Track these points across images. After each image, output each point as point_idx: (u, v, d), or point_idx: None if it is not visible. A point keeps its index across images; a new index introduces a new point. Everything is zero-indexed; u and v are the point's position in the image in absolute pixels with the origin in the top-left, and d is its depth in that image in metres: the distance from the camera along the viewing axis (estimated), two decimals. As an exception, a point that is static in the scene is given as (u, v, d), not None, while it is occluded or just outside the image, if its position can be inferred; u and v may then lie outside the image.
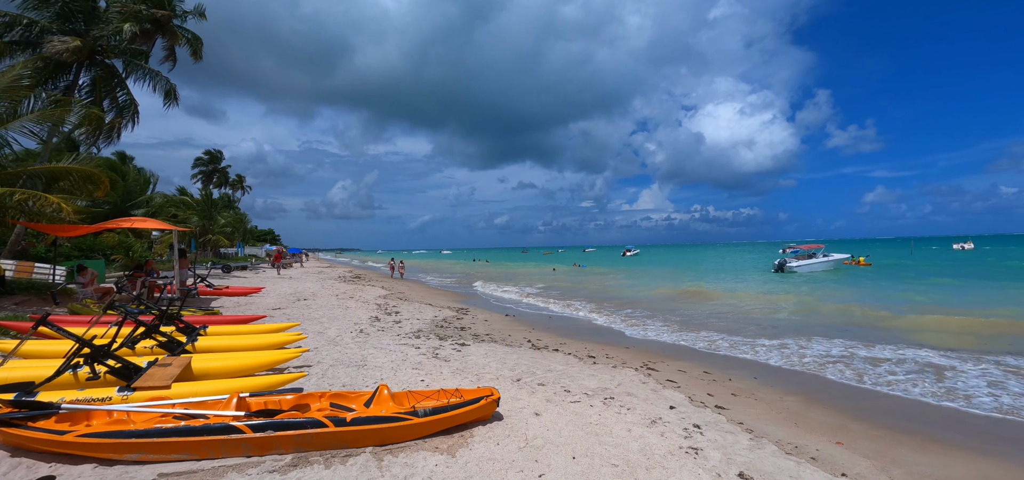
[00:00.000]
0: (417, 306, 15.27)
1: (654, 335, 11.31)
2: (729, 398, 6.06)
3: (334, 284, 23.70)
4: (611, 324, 13.06)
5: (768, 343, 10.18)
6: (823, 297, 18.84)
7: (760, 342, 10.30)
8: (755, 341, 10.42)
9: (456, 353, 8.00)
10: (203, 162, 78.10)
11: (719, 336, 11.03)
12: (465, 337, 9.73)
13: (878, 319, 13.30)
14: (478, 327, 11.31)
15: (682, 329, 12.10)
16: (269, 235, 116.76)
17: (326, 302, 15.33)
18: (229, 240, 50.86)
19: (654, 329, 12.19)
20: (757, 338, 10.75)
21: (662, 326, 12.57)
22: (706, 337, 10.96)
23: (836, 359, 8.75)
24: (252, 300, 15.08)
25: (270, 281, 24.14)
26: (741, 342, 10.35)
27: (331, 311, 13.10)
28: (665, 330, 12.02)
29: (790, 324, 12.85)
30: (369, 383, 5.95)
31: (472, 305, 16.97)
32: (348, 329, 10.12)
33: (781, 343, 10.20)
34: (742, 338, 10.76)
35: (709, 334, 11.27)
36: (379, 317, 12.37)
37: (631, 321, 13.45)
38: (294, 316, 11.84)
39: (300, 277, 28.71)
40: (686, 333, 11.53)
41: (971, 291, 19.86)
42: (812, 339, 10.59)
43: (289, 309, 13.19)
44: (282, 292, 18.14)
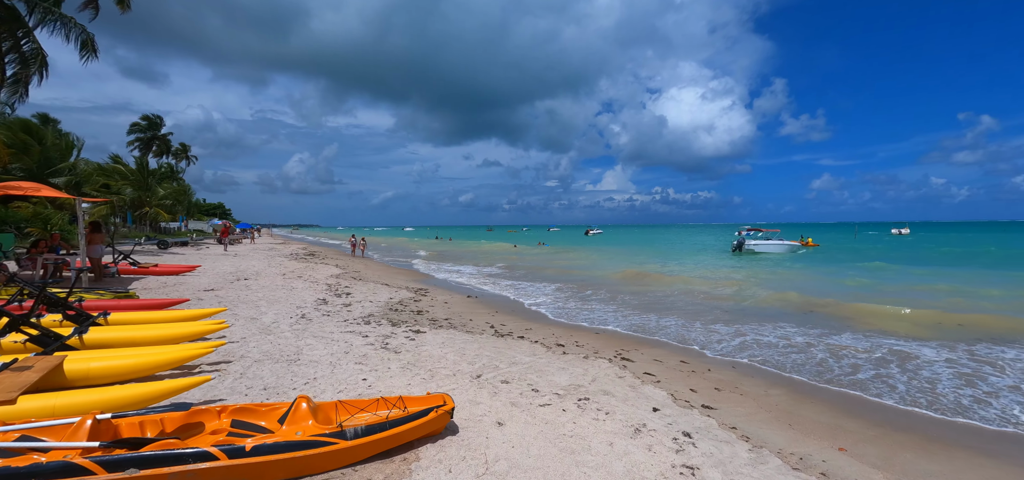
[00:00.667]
0: (372, 287, 14.12)
1: (624, 319, 10.75)
2: (714, 395, 5.46)
3: (284, 262, 22.00)
4: (579, 307, 12.43)
5: (739, 328, 9.82)
6: (782, 280, 19.05)
7: (731, 327, 9.92)
8: (726, 326, 10.04)
9: (409, 342, 7.06)
10: (140, 128, 71.72)
11: (688, 321, 10.59)
12: (421, 323, 8.78)
13: (838, 304, 13.35)
14: (437, 310, 10.38)
15: (651, 312, 11.63)
16: (218, 209, 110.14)
17: (270, 282, 13.92)
18: (169, 213, 47.08)
19: (623, 312, 11.65)
20: (729, 323, 10.38)
21: (631, 310, 12.05)
22: (676, 322, 10.49)
23: (806, 346, 8.43)
24: (183, 280, 13.47)
25: (211, 259, 22.15)
26: (712, 326, 9.94)
27: (273, 293, 11.79)
28: (634, 313, 11.50)
29: (757, 307, 12.66)
30: (298, 384, 4.94)
31: (432, 285, 15.97)
32: (288, 314, 8.95)
33: (752, 328, 9.86)
34: (711, 322, 10.37)
35: (678, 320, 10.82)
36: (327, 299, 11.20)
37: (598, 304, 12.88)
38: (229, 299, 10.50)
39: (247, 254, 26.66)
40: (656, 317, 11.04)
41: (920, 277, 20.64)
42: (778, 324, 10.33)
43: (224, 291, 11.77)
44: (222, 271, 16.47)
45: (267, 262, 21.15)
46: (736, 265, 25.11)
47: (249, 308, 9.39)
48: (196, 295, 10.70)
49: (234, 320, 8.18)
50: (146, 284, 12.16)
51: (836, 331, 9.51)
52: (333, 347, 6.54)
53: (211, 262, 19.93)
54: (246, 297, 10.79)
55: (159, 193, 46.75)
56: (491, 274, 20.95)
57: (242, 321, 8.10)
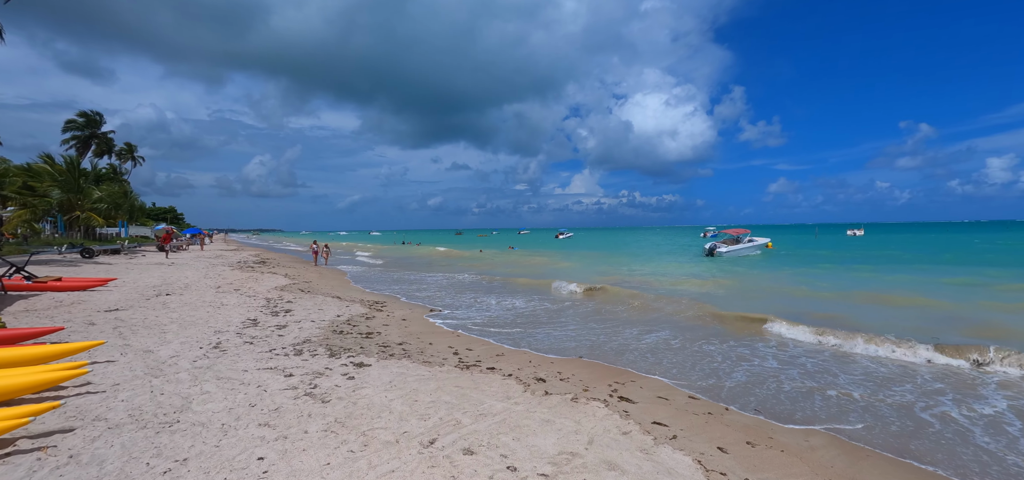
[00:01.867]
0: (319, 300, 12.27)
1: (610, 337, 9.41)
2: (748, 453, 4.12)
3: (225, 272, 19.66)
4: (557, 324, 11.02)
5: (735, 347, 8.64)
6: (762, 286, 18.33)
7: (725, 344, 8.74)
8: (720, 342, 8.86)
9: (346, 382, 5.43)
10: (77, 125, 66.00)
11: (682, 339, 9.37)
12: (368, 350, 7.14)
13: (831, 312, 12.50)
14: (391, 332, 8.72)
15: (636, 326, 10.36)
16: (169, 213, 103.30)
17: (196, 298, 11.86)
18: (104, 218, 42.93)
19: (607, 328, 10.32)
20: (722, 340, 9.20)
21: (617, 325, 10.74)
22: (668, 339, 9.24)
23: (812, 370, 7.31)
24: (85, 298, 11.25)
25: (139, 269, 19.55)
26: (706, 346, 8.74)
27: (194, 312, 9.83)
28: (620, 329, 10.19)
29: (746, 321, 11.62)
30: (165, 460, 3.28)
31: (392, 296, 14.22)
32: (198, 343, 7.12)
33: (748, 347, 8.71)
34: (703, 340, 9.18)
35: (670, 336, 9.58)
36: (259, 319, 9.36)
37: (577, 320, 11.51)
38: (133, 322, 8.52)
39: (188, 263, 23.99)
40: (643, 333, 9.75)
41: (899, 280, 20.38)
42: (778, 343, 9.25)
43: (131, 312, 9.72)
44: (143, 284, 14.19)
45: (205, 272, 18.79)
46: (713, 271, 24.44)
47: (150, 336, 7.48)
48: (89, 319, 8.65)
49: (121, 354, 6.31)
50: (32, 304, 9.94)
51: (846, 362, 8.48)
52: (237, 397, 4.84)
53: (138, 273, 17.45)
54: (154, 320, 8.81)
55: (93, 195, 42.59)
56: (462, 282, 19.33)
57: (131, 356, 6.25)
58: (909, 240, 58.21)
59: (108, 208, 45.21)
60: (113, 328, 7.95)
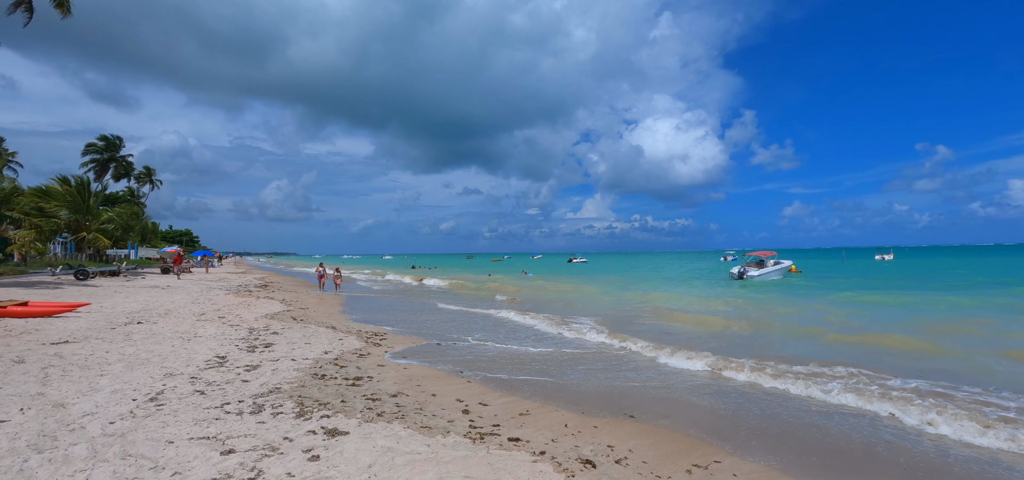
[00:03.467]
0: (310, 332, 10.64)
1: (658, 386, 7.57)
2: None
3: (218, 296, 18.24)
4: (586, 362, 9.19)
5: (828, 375, 6.75)
6: (810, 311, 16.27)
7: (810, 372, 6.86)
8: (800, 371, 6.97)
9: (308, 464, 3.74)
10: (97, 149, 66.76)
11: (756, 384, 7.49)
12: (350, 406, 5.43)
13: (912, 342, 10.49)
14: (385, 377, 7.00)
15: (689, 353, 8.52)
16: (185, 236, 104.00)
17: (169, 327, 10.33)
18: (111, 239, 42.28)
19: (654, 374, 8.47)
20: (807, 366, 7.31)
21: (667, 370, 8.89)
22: (742, 389, 7.37)
23: (945, 405, 5.40)
24: (44, 325, 9.77)
25: (129, 292, 18.22)
26: (790, 376, 6.86)
27: (157, 345, 8.26)
28: (671, 376, 8.34)
29: (831, 344, 9.70)
30: None
31: (393, 328, 12.53)
32: (134, 393, 5.50)
33: (844, 375, 6.81)
34: (783, 366, 7.30)
35: (744, 383, 7.70)
36: (230, 355, 7.74)
37: (611, 361, 9.67)
38: (79, 357, 6.98)
39: (182, 287, 22.71)
40: (705, 382, 7.89)
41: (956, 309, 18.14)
42: (876, 369, 7.31)
43: (86, 343, 8.19)
44: (120, 310, 12.74)
45: (196, 297, 17.37)
46: (751, 300, 22.36)
47: (79, 381, 5.88)
48: (21, 354, 7.10)
49: (21, 410, 4.71)
50: (-28, 335, 8.46)
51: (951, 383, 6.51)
52: (130, 498, 3.16)
53: (123, 297, 16.07)
54: (102, 357, 7.24)
55: (102, 217, 42.10)
56: (470, 314, 17.59)
57: (32, 413, 4.64)
58: (945, 264, 55.02)
59: (117, 229, 44.69)
60: (41, 369, 6.38)
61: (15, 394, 5.29)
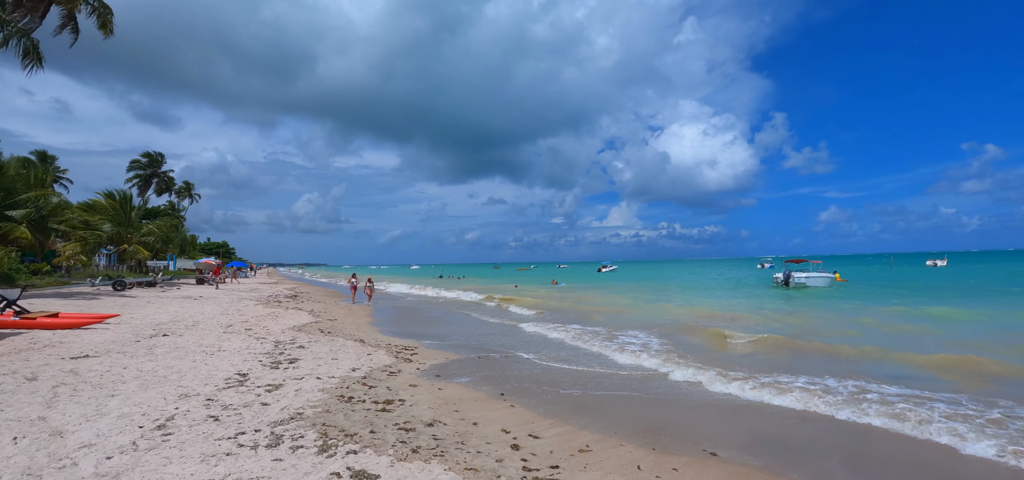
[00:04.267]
0: (338, 345, 10.02)
1: (734, 415, 6.53)
2: None
3: (247, 307, 18.03)
4: (647, 385, 8.21)
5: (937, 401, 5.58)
6: (883, 319, 14.70)
7: (922, 402, 5.70)
8: (921, 409, 5.81)
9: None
10: (140, 165, 69.68)
11: (840, 390, 6.37)
12: (380, 438, 4.66)
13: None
14: (418, 400, 6.22)
15: (762, 379, 7.43)
16: (221, 248, 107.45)
17: (194, 340, 9.90)
18: (151, 251, 43.58)
19: (717, 385, 7.42)
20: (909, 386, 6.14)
21: (737, 374, 7.83)
22: (831, 413, 6.27)
23: None
24: (70, 338, 9.47)
25: (161, 302, 18.22)
26: (910, 418, 5.72)
27: (178, 361, 7.75)
28: (746, 407, 7.27)
29: (936, 369, 8.42)
30: None
31: (424, 342, 11.81)
32: (142, 419, 4.90)
33: (949, 401, 5.62)
34: (896, 401, 6.15)
35: (833, 406, 6.59)
36: (251, 372, 7.13)
37: (676, 383, 8.64)
38: (93, 374, 6.51)
39: (217, 296, 22.78)
40: (791, 407, 6.80)
41: None
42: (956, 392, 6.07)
43: (107, 357, 7.76)
44: (148, 322, 12.50)
45: (225, 308, 17.17)
46: (801, 305, 20.73)
47: (86, 403, 5.33)
48: (36, 370, 6.67)
49: (14, 439, 4.14)
50: None
51: None
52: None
53: (154, 308, 15.98)
54: (118, 374, 6.74)
55: (142, 229, 43.50)
56: (505, 328, 16.77)
57: (24, 444, 4.06)
58: (1004, 271, 50.85)
59: (157, 241, 46.10)
60: (52, 387, 5.89)
61: (15, 419, 4.75)
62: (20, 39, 18.40)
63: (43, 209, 31.01)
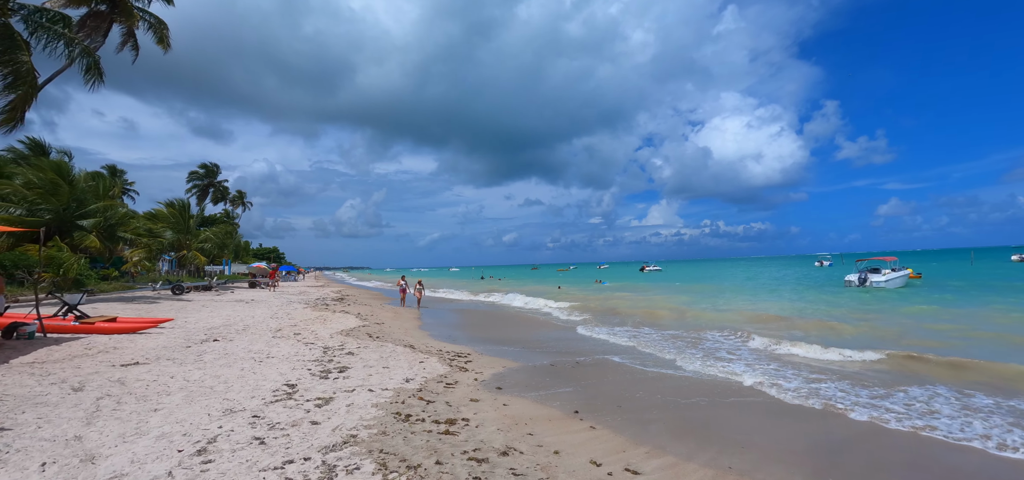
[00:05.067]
0: (387, 351, 9.42)
1: (866, 428, 5.36)
2: None
3: (296, 310, 17.99)
4: (747, 406, 7.09)
5: None
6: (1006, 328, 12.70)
7: None
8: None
9: None
10: (198, 176, 73.87)
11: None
12: (448, 470, 3.87)
13: None
14: (484, 421, 5.42)
15: (928, 402, 6.17)
16: (272, 253, 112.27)
17: (243, 346, 9.58)
18: (207, 257, 45.59)
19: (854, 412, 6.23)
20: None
21: (891, 403, 6.60)
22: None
23: None
24: (125, 343, 9.35)
25: (216, 306, 18.49)
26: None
27: (226, 369, 7.34)
28: (909, 409, 6.05)
29: None
30: None
31: (477, 347, 11.06)
32: (181, 442, 4.34)
33: None
34: None
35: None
36: (300, 383, 6.58)
37: (784, 405, 7.47)
38: (140, 384, 6.14)
39: (267, 299, 23.11)
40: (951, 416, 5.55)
41: None
42: None
43: (156, 364, 7.46)
44: (200, 326, 12.43)
45: (274, 311, 17.15)
46: (892, 305, 18.61)
47: (126, 419, 4.86)
48: (84, 379, 6.37)
49: (41, 467, 3.64)
50: (50, 352, 8.02)
51: None
52: None
53: (209, 312, 16.13)
54: (164, 384, 6.34)
55: (200, 236, 45.58)
56: (560, 336, 15.85)
57: (44, 476, 3.54)
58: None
59: (213, 247, 48.29)
60: (96, 400, 5.50)
61: (50, 438, 4.29)
62: (84, 58, 19.22)
63: (111, 218, 32.77)
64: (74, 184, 31.02)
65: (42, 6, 17.93)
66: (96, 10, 24.62)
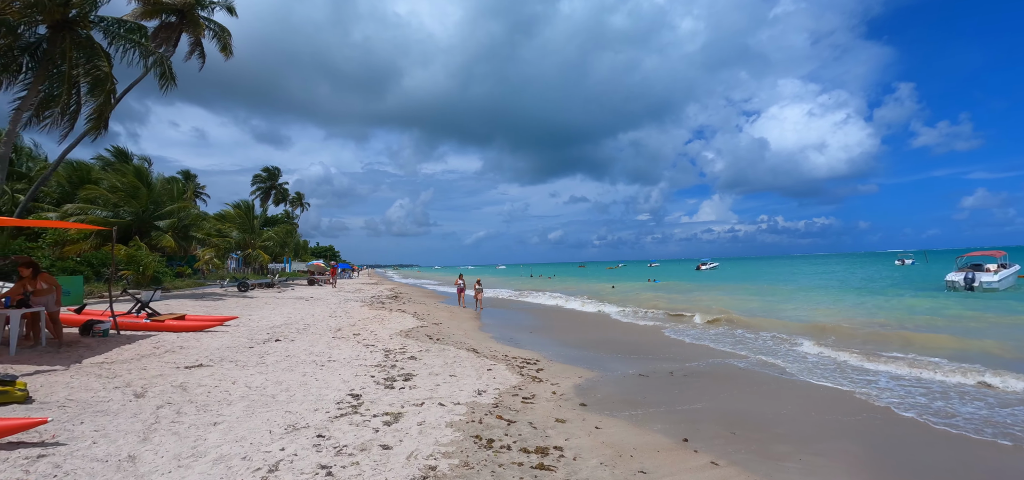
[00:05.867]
0: (450, 356, 8.76)
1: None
2: None
3: (354, 309, 17.91)
4: (895, 433, 5.80)
5: None
6: None
7: None
8: None
9: None
10: (262, 179, 78.13)
11: None
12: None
13: None
14: (582, 451, 4.52)
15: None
16: (328, 251, 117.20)
17: (305, 347, 9.24)
18: (271, 255, 47.72)
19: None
20: None
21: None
22: None
23: None
24: (190, 343, 9.26)
25: (277, 304, 18.78)
26: None
27: (287, 374, 6.91)
28: None
29: None
30: None
31: (545, 352, 10.20)
32: (241, 467, 3.76)
33: None
34: None
35: None
36: (364, 393, 5.98)
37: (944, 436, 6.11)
38: (201, 391, 5.79)
39: (323, 297, 23.43)
40: None
41: None
42: None
43: (218, 368, 7.16)
44: (263, 325, 12.38)
45: (333, 310, 17.11)
46: (1015, 309, 16.01)
47: (183, 431, 4.39)
48: (146, 385, 6.07)
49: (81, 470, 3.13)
50: (120, 352, 7.96)
51: None
52: None
53: (270, 309, 16.30)
54: (223, 392, 5.93)
55: (263, 236, 47.77)
56: (632, 341, 14.72)
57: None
58: None
59: (275, 246, 50.61)
60: (156, 408, 5.12)
61: (103, 458, 3.84)
62: (158, 66, 20.16)
63: (184, 219, 34.72)
64: (152, 188, 33.12)
65: (120, 18, 18.84)
66: (167, 22, 25.91)
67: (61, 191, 29.93)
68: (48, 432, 4.26)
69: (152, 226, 30.92)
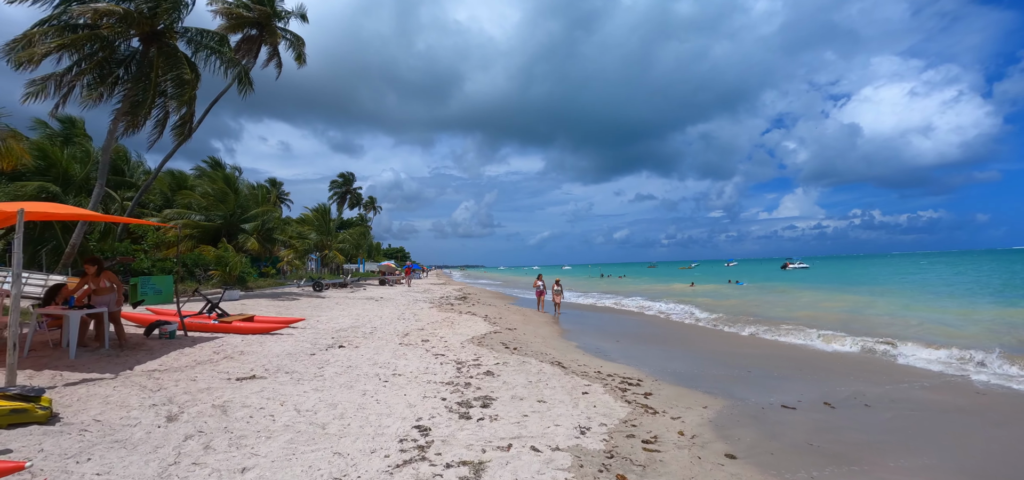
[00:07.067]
0: (531, 371, 7.28)
1: None
2: None
3: (423, 310, 17.08)
4: None
5: None
6: None
7: None
8: None
9: None
10: (338, 185, 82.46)
11: None
12: None
13: None
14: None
15: None
16: (399, 253, 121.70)
17: (370, 354, 8.22)
18: (346, 256, 49.50)
19: None
20: None
21: None
22: None
23: None
24: (252, 347, 8.57)
25: (347, 304, 18.45)
26: None
27: (346, 391, 5.79)
28: None
29: None
30: None
31: (645, 369, 8.41)
32: None
33: None
34: None
35: None
36: (434, 424, 4.65)
37: None
38: (252, 406, 4.80)
39: (392, 297, 23.08)
40: None
41: None
42: None
43: (275, 378, 6.23)
44: (329, 327, 11.69)
45: (402, 312, 16.35)
46: None
47: (207, 474, 3.25)
48: (207, 389, 5.18)
49: None
50: (180, 356, 7.31)
51: None
52: None
53: (340, 310, 15.85)
54: (270, 412, 4.85)
55: (338, 238, 49.69)
56: (750, 354, 12.47)
57: None
58: None
59: (350, 248, 52.56)
60: (183, 438, 4.10)
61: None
62: (239, 76, 20.85)
63: (268, 223, 36.46)
64: (239, 193, 35.12)
65: (204, 29, 19.53)
66: (248, 35, 27.05)
67: (163, 197, 32.51)
68: (39, 475, 3.31)
69: (239, 229, 32.70)
